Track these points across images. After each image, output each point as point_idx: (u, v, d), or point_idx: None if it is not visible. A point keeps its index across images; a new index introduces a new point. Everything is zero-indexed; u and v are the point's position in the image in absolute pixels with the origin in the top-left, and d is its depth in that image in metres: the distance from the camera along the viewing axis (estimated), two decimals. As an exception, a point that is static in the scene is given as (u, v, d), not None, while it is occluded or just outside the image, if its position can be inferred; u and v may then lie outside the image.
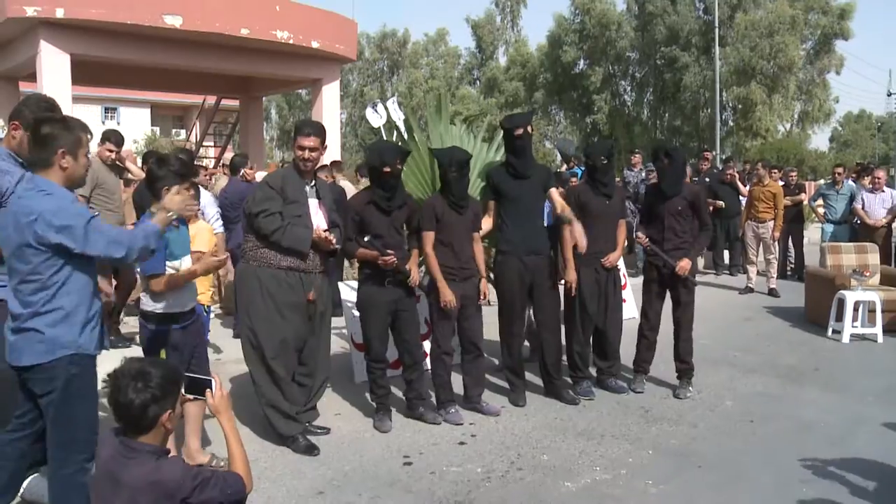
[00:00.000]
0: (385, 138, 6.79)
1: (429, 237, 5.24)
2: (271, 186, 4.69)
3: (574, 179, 9.68)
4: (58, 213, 3.07)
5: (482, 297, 5.51)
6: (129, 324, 7.42)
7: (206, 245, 4.73)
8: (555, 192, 5.77)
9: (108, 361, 2.86)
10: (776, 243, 10.76)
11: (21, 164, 3.88)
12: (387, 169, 5.02)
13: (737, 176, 12.23)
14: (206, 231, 4.94)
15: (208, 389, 2.68)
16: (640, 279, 6.37)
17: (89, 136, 3.37)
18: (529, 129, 5.69)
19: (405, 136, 6.82)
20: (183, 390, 2.60)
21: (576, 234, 5.53)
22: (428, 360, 5.73)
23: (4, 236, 3.21)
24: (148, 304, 4.08)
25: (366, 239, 4.96)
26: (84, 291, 3.24)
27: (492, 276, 5.89)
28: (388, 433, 5.06)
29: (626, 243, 6.53)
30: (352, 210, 5.11)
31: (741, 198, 12.00)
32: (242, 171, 8.32)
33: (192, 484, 2.41)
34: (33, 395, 3.29)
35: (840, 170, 11.16)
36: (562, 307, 5.95)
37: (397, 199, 5.14)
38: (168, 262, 4.02)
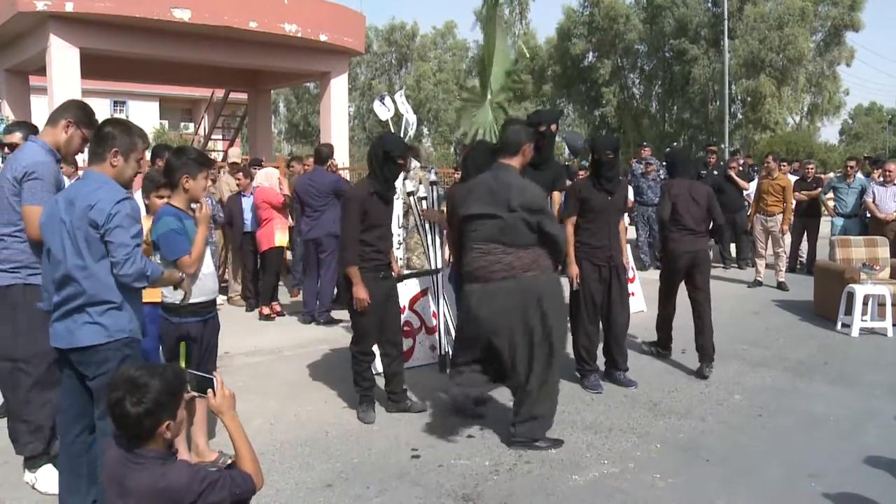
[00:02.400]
0: (392, 131, 6.81)
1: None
2: None
3: (582, 172, 9.68)
4: (110, 208, 3.26)
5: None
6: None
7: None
8: (556, 196, 5.94)
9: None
10: (785, 237, 10.72)
11: (58, 159, 4.04)
12: (400, 161, 5.14)
13: (733, 170, 12.15)
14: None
15: (210, 389, 2.65)
16: (648, 272, 6.40)
17: (145, 144, 3.60)
18: (554, 127, 5.76)
19: (412, 131, 6.84)
20: (191, 390, 2.59)
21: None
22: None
23: (53, 223, 3.36)
24: (170, 297, 4.11)
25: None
26: None
27: None
28: (396, 426, 5.07)
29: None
30: (356, 202, 5.07)
31: (744, 192, 12.01)
32: (330, 161, 8.61)
33: (200, 488, 2.39)
34: (77, 383, 3.43)
35: (853, 163, 11.10)
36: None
37: (394, 191, 5.36)
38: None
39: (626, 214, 6.44)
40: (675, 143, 33.91)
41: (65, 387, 3.53)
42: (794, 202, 10.99)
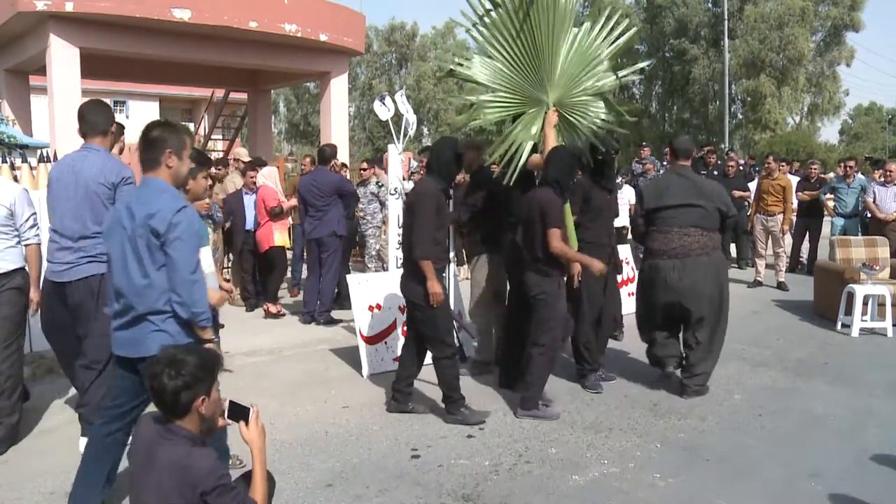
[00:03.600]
0: (393, 131, 6.81)
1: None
2: None
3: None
4: (171, 216, 3.30)
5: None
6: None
7: None
8: None
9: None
10: (785, 237, 10.71)
11: None
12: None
13: (732, 170, 12.11)
14: None
15: (243, 420, 2.74)
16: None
17: (192, 140, 3.71)
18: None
19: (412, 131, 6.84)
20: (226, 417, 2.75)
21: None
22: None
23: (115, 231, 3.43)
24: None
25: None
26: None
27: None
28: (396, 426, 5.07)
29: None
30: (433, 198, 5.04)
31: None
32: (333, 161, 8.63)
33: (216, 483, 2.48)
34: (133, 385, 3.52)
35: (852, 163, 11.11)
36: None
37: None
38: None
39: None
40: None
41: (120, 385, 3.61)
42: (794, 202, 11.00)
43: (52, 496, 4.03)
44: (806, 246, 11.91)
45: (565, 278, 5.62)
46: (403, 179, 6.83)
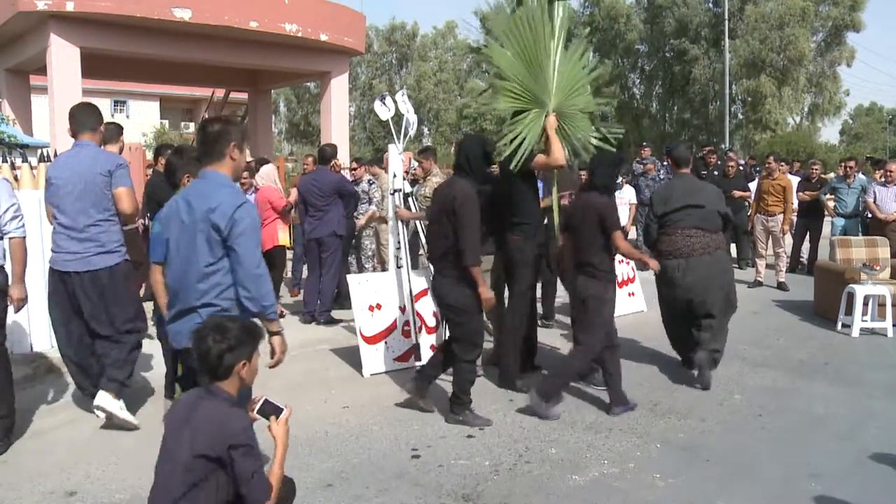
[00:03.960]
0: (393, 131, 6.81)
1: None
2: None
3: (583, 172, 9.67)
4: (232, 212, 3.34)
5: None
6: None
7: None
8: None
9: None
10: (786, 237, 10.71)
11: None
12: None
13: (731, 170, 12.10)
14: None
15: (273, 416, 2.95)
16: (648, 272, 6.44)
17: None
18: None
19: (412, 130, 6.84)
20: (255, 412, 2.94)
21: None
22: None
23: (172, 224, 3.50)
24: None
25: None
26: None
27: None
28: (396, 427, 5.07)
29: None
30: (476, 201, 5.03)
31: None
32: (333, 161, 8.68)
33: (245, 441, 2.68)
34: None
35: (852, 163, 11.10)
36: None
37: None
38: None
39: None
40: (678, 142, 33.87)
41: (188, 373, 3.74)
42: (795, 202, 10.99)
43: (52, 496, 4.03)
44: (806, 246, 11.91)
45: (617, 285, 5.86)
46: (403, 179, 6.81)
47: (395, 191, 6.76)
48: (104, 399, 4.88)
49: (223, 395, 2.79)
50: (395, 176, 6.74)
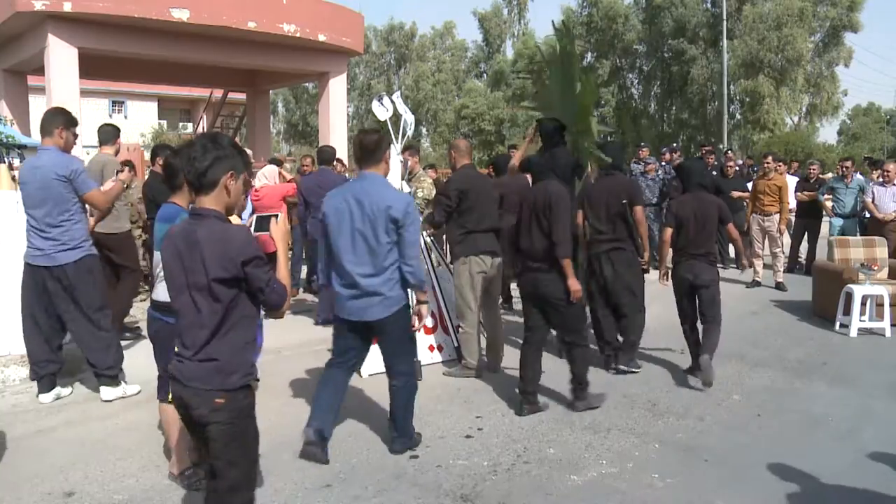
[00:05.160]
0: (391, 131, 6.81)
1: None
2: None
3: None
4: (405, 207, 4.23)
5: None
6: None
7: None
8: None
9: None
10: (783, 237, 10.71)
11: None
12: None
13: (730, 170, 12.11)
14: None
15: (273, 218, 3.20)
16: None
17: None
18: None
19: (410, 131, 6.85)
20: (253, 231, 3.19)
21: None
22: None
23: (341, 217, 4.28)
24: (161, 296, 4.08)
25: None
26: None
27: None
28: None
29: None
30: (569, 202, 5.41)
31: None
32: (336, 161, 9.02)
33: (254, 253, 2.74)
34: (359, 344, 4.53)
35: (848, 163, 11.11)
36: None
37: None
38: None
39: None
40: (674, 144, 33.86)
41: (347, 343, 4.51)
42: (792, 202, 10.99)
43: (50, 496, 4.02)
44: (804, 246, 11.91)
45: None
46: (402, 179, 6.81)
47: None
48: (106, 393, 5.55)
49: (212, 213, 2.78)
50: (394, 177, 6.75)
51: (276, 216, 3.20)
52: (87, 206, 5.78)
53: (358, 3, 51.43)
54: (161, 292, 4.08)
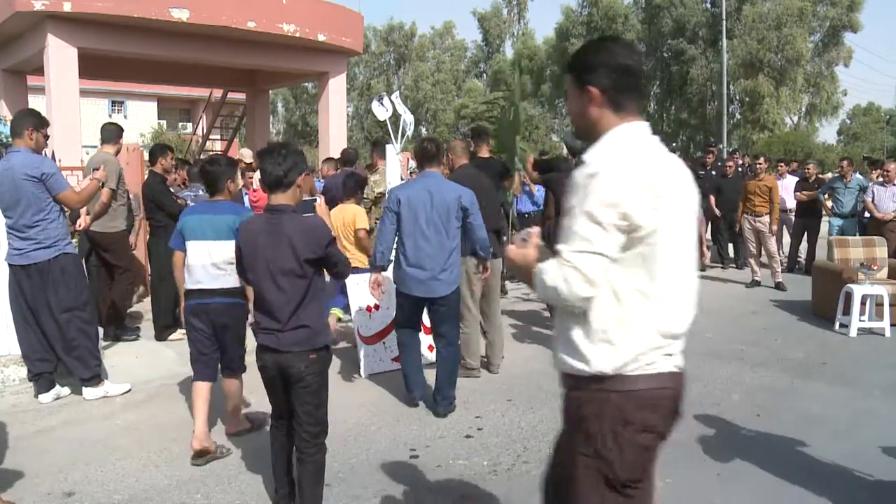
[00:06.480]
0: (391, 131, 6.82)
1: None
2: None
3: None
4: (471, 198, 5.26)
5: None
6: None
7: None
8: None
9: (117, 356, 2.85)
10: (773, 237, 10.71)
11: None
12: None
13: (730, 170, 12.13)
14: None
15: (315, 202, 3.83)
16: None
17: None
18: None
19: (409, 130, 6.85)
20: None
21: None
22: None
23: (419, 210, 5.11)
24: (188, 284, 4.52)
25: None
26: None
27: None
28: (394, 427, 5.07)
29: None
30: None
31: None
32: (356, 164, 9.11)
33: (330, 236, 3.48)
34: (417, 315, 5.45)
35: (844, 162, 11.13)
36: None
37: None
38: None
39: None
40: (673, 144, 33.91)
41: (410, 315, 5.41)
42: (792, 202, 10.99)
43: (50, 496, 4.02)
44: (804, 246, 11.92)
45: None
46: (402, 179, 6.82)
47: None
48: (90, 393, 5.63)
49: (289, 208, 3.44)
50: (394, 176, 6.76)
51: (316, 199, 3.42)
52: (86, 205, 5.87)
53: (358, 3, 51.37)
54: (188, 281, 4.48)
